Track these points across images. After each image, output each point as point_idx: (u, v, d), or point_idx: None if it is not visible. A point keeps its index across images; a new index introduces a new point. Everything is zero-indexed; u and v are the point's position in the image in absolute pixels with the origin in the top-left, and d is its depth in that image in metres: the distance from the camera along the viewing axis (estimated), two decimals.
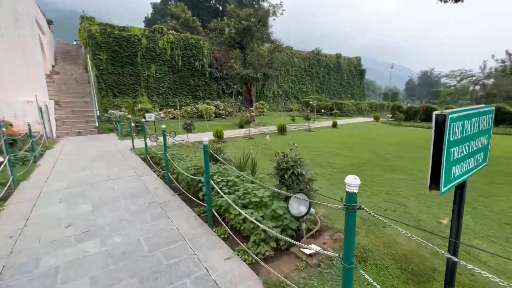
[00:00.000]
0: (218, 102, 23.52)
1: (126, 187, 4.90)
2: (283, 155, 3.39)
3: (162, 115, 18.38)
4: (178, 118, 17.38)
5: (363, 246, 2.84)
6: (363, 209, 1.44)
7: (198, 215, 3.69)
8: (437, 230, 3.29)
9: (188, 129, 10.23)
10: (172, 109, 21.10)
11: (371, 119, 20.47)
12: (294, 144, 3.48)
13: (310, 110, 14.92)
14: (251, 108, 16.00)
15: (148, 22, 49.14)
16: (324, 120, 20.10)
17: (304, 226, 2.74)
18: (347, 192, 1.47)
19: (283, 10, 15.50)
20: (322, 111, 22.10)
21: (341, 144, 9.61)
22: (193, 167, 4.38)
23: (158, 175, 5.67)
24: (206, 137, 3.69)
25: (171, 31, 23.75)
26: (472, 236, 3.16)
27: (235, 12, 15.24)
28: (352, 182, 1.43)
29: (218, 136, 10.03)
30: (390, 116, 17.86)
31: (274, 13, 15.20)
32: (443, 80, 75.37)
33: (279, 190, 2.39)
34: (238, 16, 14.81)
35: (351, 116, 24.33)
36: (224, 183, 3.67)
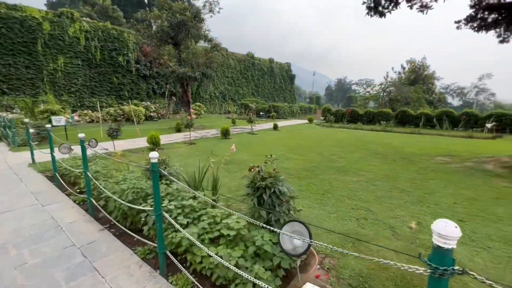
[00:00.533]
0: (149, 103, 21.04)
1: (22, 226, 3.35)
2: (258, 170, 2.73)
3: (76, 118, 15.14)
4: (99, 122, 14.58)
5: (359, 273, 2.45)
6: (468, 274, 0.90)
7: (143, 258, 2.67)
8: (412, 238, 3.21)
9: (113, 135, 8.41)
10: (90, 111, 17.69)
11: (305, 121, 21.79)
12: (271, 156, 2.85)
13: (252, 113, 14.63)
14: (192, 110, 14.69)
15: (52, 5, 40.77)
16: (263, 122, 20.31)
17: (298, 263, 2.14)
18: (438, 247, 0.93)
19: (220, 8, 14.81)
20: (261, 113, 22.35)
21: (288, 147, 9.55)
22: (131, 189, 3.26)
23: (75, 201, 4.19)
24: (140, 143, 2.71)
25: (85, 18, 19.97)
26: None
27: (168, 4, 13.70)
28: (452, 233, 0.89)
29: (154, 142, 8.59)
30: (323, 118, 19.37)
31: (211, 10, 14.36)
32: (353, 87, 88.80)
33: (256, 222, 1.72)
34: (171, 9, 13.34)
35: (287, 118, 25.47)
36: (179, 210, 2.77)
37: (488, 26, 9.89)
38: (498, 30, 10.14)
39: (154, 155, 2.27)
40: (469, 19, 9.99)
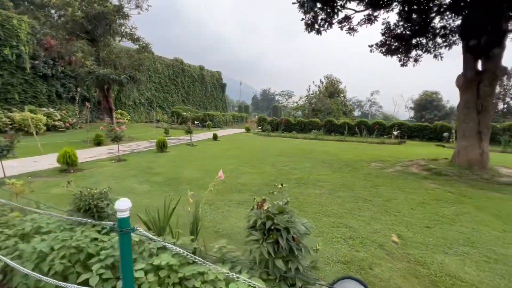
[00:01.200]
0: (51, 109, 16.90)
1: None
2: (266, 208, 2.08)
3: None
4: None
5: None
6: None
7: None
8: (405, 256, 3.14)
9: (1, 155, 6.01)
10: None
11: (242, 130, 21.70)
12: (282, 185, 2.25)
13: (190, 122, 13.40)
14: (121, 120, 12.40)
15: None
16: (199, 132, 19.13)
17: None
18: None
19: (148, 5, 13.19)
20: (196, 122, 21.02)
21: (237, 159, 8.98)
22: (59, 251, 2.06)
23: None
24: (44, 163, 1.80)
25: None
26: (430, 249, 3.21)
27: None
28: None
29: (69, 162, 6.60)
30: (260, 127, 19.68)
31: (139, 6, 12.60)
32: (277, 97, 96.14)
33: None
34: None
35: (222, 128, 24.86)
36: (153, 278, 1.83)
37: (393, 51, 11.84)
38: (399, 55, 12.26)
39: (122, 205, 1.35)
40: (380, 45, 11.75)
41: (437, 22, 10.23)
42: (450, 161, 7.73)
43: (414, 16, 10.26)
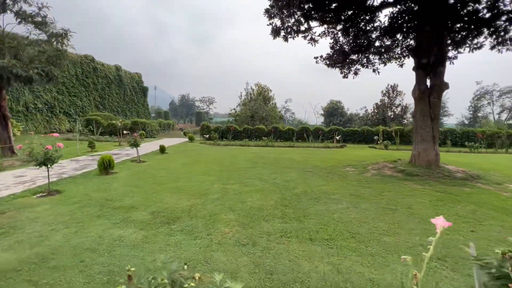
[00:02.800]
0: None
1: None
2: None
3: None
4: None
5: None
6: None
7: None
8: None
9: None
10: None
11: (181, 139, 19.47)
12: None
13: (135, 134, 10.78)
14: (35, 137, 8.69)
15: None
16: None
17: None
18: None
19: None
20: (125, 132, 17.44)
21: (213, 176, 7.66)
22: None
23: None
24: None
25: None
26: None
27: None
28: None
29: None
30: (207, 136, 18.04)
31: None
32: (197, 103, 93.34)
33: None
34: None
35: (155, 137, 21.71)
36: None
37: (336, 64, 12.98)
38: (341, 68, 13.52)
39: None
40: (326, 57, 12.67)
41: (377, 42, 11.79)
42: (410, 162, 8.82)
43: (358, 35, 11.42)
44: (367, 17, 10.51)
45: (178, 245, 3.46)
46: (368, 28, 11.02)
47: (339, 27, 11.19)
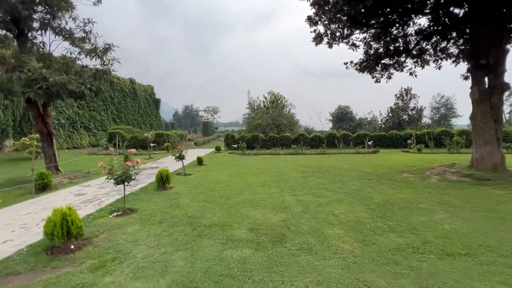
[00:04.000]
0: None
1: None
2: None
3: None
4: None
5: None
6: None
7: None
8: None
9: None
10: None
11: (207, 150, 19.26)
12: None
13: (179, 145, 10.51)
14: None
15: None
16: (163, 156, 15.75)
17: None
18: None
19: None
20: (152, 145, 17.27)
21: (275, 188, 7.37)
22: None
23: None
24: None
25: None
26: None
27: None
28: None
29: (69, 232, 3.70)
30: (235, 146, 17.81)
31: None
32: (201, 113, 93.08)
33: None
34: None
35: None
36: None
37: (368, 69, 12.82)
38: (373, 73, 13.34)
39: None
40: (357, 63, 12.53)
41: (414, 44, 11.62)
42: (471, 166, 8.47)
43: (396, 39, 11.24)
44: (407, 20, 10.40)
45: (314, 267, 3.16)
46: (407, 31, 10.92)
47: (372, 31, 11.09)
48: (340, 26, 9.60)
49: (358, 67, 12.69)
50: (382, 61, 12.40)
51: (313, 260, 3.34)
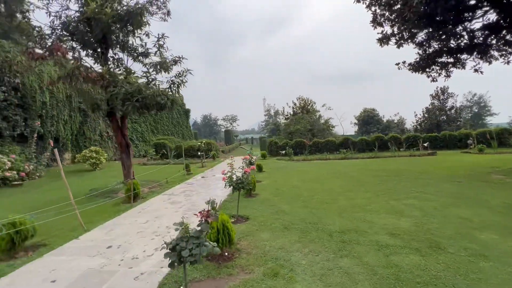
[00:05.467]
0: None
1: None
2: None
3: None
4: None
5: None
6: None
7: None
8: None
9: None
10: None
11: (241, 156, 19.35)
12: None
13: (250, 154, 10.57)
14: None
15: None
16: (216, 163, 16.00)
17: None
18: None
19: (168, 10, 10.36)
20: (200, 153, 17.69)
21: (367, 192, 7.15)
22: None
23: None
24: None
25: None
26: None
27: None
28: None
29: None
30: (283, 152, 17.81)
31: (160, 8, 9.61)
32: (219, 122, 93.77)
33: None
34: None
35: (219, 157, 21.86)
36: None
37: (424, 68, 12.39)
38: (429, 72, 12.86)
39: None
40: (413, 63, 12.15)
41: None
42: None
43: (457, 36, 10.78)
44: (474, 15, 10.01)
45: None
46: (473, 27, 10.49)
47: (428, 29, 10.74)
48: (409, 26, 9.37)
49: (413, 67, 12.35)
50: (440, 60, 11.99)
51: (499, 266, 3.11)
